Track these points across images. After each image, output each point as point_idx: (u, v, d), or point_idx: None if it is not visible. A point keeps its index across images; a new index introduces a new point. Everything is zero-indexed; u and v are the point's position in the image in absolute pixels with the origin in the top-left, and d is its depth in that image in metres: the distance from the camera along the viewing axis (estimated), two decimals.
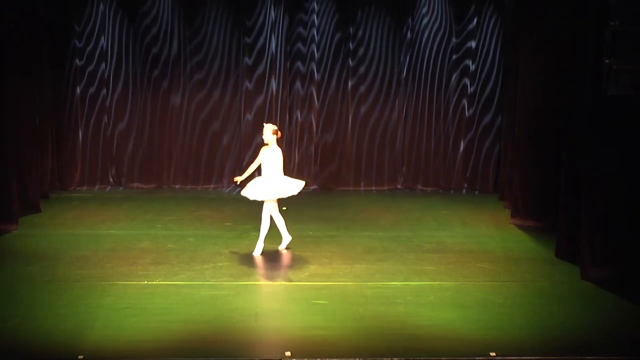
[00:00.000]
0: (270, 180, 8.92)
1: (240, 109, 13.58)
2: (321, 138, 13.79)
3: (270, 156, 8.92)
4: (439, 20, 13.65)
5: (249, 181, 9.18)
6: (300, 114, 13.70)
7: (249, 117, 13.54)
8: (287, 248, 9.41)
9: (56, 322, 6.88)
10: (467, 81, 13.81)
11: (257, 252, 9.13)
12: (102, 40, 13.26)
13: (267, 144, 8.95)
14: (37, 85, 11.64)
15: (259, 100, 13.55)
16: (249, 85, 13.48)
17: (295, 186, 9.11)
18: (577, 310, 7.57)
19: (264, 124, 9.01)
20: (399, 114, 13.83)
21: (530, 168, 10.90)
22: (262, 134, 8.95)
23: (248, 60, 13.42)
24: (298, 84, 13.63)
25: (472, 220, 11.47)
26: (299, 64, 13.58)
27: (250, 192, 8.97)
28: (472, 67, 13.77)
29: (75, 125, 13.29)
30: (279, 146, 9.05)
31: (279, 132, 8.96)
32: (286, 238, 9.43)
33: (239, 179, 9.31)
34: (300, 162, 13.77)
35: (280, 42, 13.42)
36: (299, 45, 13.56)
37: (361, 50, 13.63)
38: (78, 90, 13.21)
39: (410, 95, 13.80)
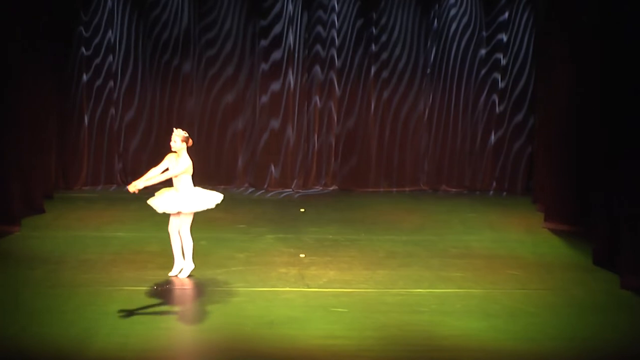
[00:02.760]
0: (185, 192, 8.24)
1: (256, 96, 13.61)
2: (342, 128, 13.83)
3: (179, 166, 8.18)
4: (468, 11, 13.64)
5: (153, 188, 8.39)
6: (320, 100, 13.75)
7: (265, 99, 13.55)
8: (190, 275, 8.43)
9: (60, 329, 6.94)
10: (497, 76, 13.78)
11: (183, 274, 8.39)
12: (110, 33, 13.37)
13: (175, 152, 8.26)
14: (40, 76, 11.68)
15: (275, 85, 13.59)
16: (264, 67, 13.52)
17: (213, 199, 8.39)
18: (616, 322, 7.51)
19: (174, 129, 8.31)
20: (424, 106, 13.83)
21: (565, 169, 10.85)
22: (171, 140, 8.25)
23: (264, 42, 13.48)
24: (317, 68, 13.71)
25: (502, 224, 11.44)
26: (318, 47, 13.63)
27: (160, 203, 8.23)
28: (504, 62, 13.73)
29: (80, 121, 13.41)
30: (189, 155, 8.33)
31: (190, 140, 8.30)
32: (180, 264, 8.42)
33: (137, 186, 8.08)
34: (319, 150, 13.83)
35: (299, 27, 13.46)
36: (319, 28, 13.62)
37: (384, 37, 13.67)
38: (84, 78, 13.28)
39: (436, 88, 13.80)
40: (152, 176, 8.25)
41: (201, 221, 11.14)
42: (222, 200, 8.60)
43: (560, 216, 10.93)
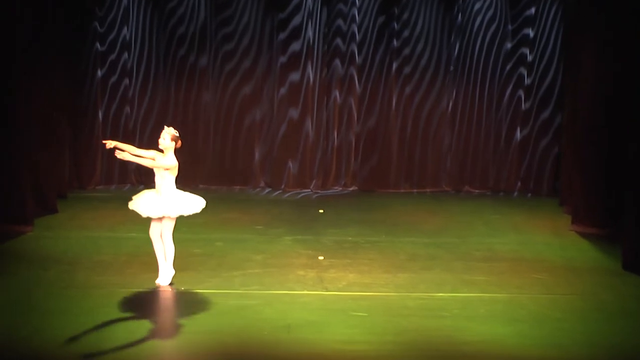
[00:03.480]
0: (168, 195, 8.03)
1: (274, 90, 13.62)
2: (363, 126, 13.81)
3: (166, 160, 8.00)
4: (493, 5, 13.59)
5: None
6: (340, 95, 13.74)
7: (283, 91, 13.56)
8: (171, 284, 8.21)
9: (74, 331, 6.96)
10: (523, 71, 13.70)
11: (165, 281, 8.19)
12: (125, 29, 13.44)
13: (161, 151, 8.07)
14: (53, 72, 11.74)
15: (294, 76, 13.59)
16: (283, 60, 13.53)
17: (197, 204, 8.17)
18: None
19: (165, 127, 8.19)
20: (447, 103, 13.80)
21: (594, 169, 10.77)
22: (160, 137, 8.06)
23: (282, 35, 13.49)
24: (337, 62, 13.70)
25: (527, 226, 11.38)
26: (338, 41, 13.63)
27: (144, 207, 8.01)
28: (530, 57, 13.66)
29: (95, 118, 13.49)
30: (176, 155, 8.15)
31: (180, 141, 8.13)
32: (165, 269, 8.23)
33: (122, 154, 7.88)
34: (338, 149, 13.82)
35: (318, 20, 13.49)
36: (339, 22, 13.62)
37: (406, 32, 13.64)
38: (99, 74, 13.35)
39: (460, 84, 13.77)
40: (138, 154, 8.07)
41: (217, 222, 11.19)
42: (239, 201, 8.59)
43: (588, 218, 10.85)
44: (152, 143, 13.60)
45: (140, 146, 13.44)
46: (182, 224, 10.89)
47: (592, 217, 10.80)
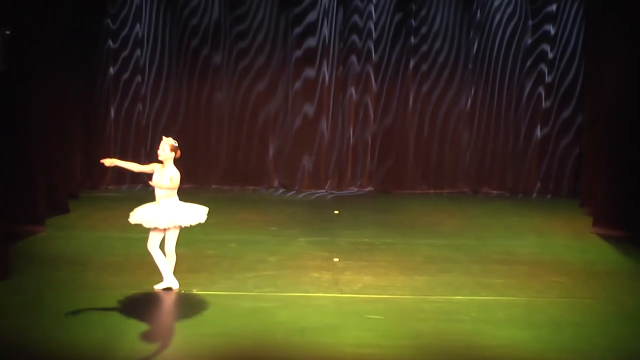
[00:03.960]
0: (171, 205, 8.03)
1: (288, 86, 13.62)
2: (379, 126, 13.78)
3: (165, 177, 8.00)
4: (513, 1, 13.55)
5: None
6: (355, 92, 13.73)
7: (298, 84, 13.57)
8: (165, 289, 8.16)
9: (84, 333, 7.00)
10: (543, 68, 13.64)
11: (175, 285, 8.20)
12: (138, 27, 13.49)
13: (161, 162, 8.07)
14: (66, 70, 11.77)
15: (309, 72, 13.59)
16: (298, 54, 13.55)
17: (200, 213, 8.18)
18: None
19: (163, 137, 8.14)
20: (465, 101, 13.76)
21: (616, 170, 10.71)
22: (159, 149, 8.04)
23: (298, 29, 13.51)
24: (354, 58, 13.68)
25: (547, 228, 11.33)
26: (355, 37, 13.62)
27: (148, 218, 7.99)
28: (551, 55, 13.59)
29: (106, 116, 13.54)
30: (176, 166, 8.11)
31: (179, 151, 8.10)
32: (169, 276, 8.18)
33: (112, 162, 8.11)
34: (354, 149, 13.80)
35: (334, 16, 13.49)
36: (356, 18, 13.62)
37: (424, 29, 13.61)
38: (111, 71, 13.40)
39: (478, 82, 13.75)
40: (140, 170, 8.33)
41: (230, 222, 11.20)
42: (253, 201, 8.62)
43: (609, 220, 10.79)
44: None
45: (152, 146, 13.63)
46: (196, 225, 10.94)
47: (614, 219, 10.74)
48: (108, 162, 8.16)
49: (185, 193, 13.21)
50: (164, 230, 8.04)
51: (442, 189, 13.89)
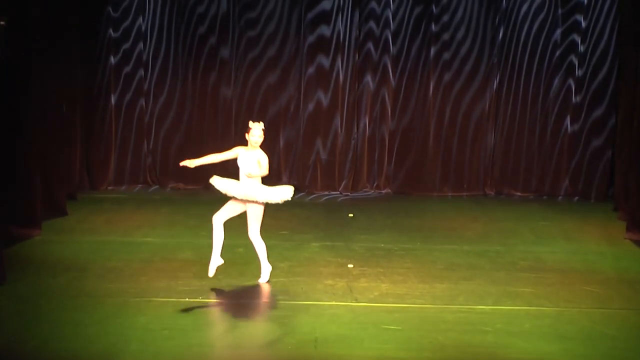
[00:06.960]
0: (255, 183, 8.47)
1: (300, 77, 13.67)
2: (398, 124, 13.79)
3: (253, 160, 8.45)
4: None
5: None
6: (372, 85, 13.75)
7: (311, 75, 13.63)
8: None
9: (84, 343, 7.03)
10: (574, 60, 13.61)
11: (264, 278, 8.73)
12: (141, 18, 13.56)
13: (248, 146, 8.52)
14: (65, 63, 11.83)
15: (324, 61, 13.66)
16: (311, 41, 13.59)
17: (285, 191, 8.60)
18: None
19: (253, 123, 8.52)
20: (489, 96, 13.77)
21: None
22: (249, 134, 8.45)
23: (310, 15, 13.62)
24: (370, 46, 13.71)
25: (578, 234, 11.31)
26: (372, 24, 13.67)
27: (230, 186, 8.43)
28: (582, 48, 13.56)
29: (107, 114, 13.59)
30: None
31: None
32: (217, 260, 8.65)
33: (192, 163, 8.47)
34: (370, 148, 13.80)
35: (349, 9, 13.53)
36: (373, 4, 13.63)
37: (446, 17, 13.63)
38: (112, 61, 13.45)
39: (503, 74, 13.74)
40: (222, 158, 8.61)
41: (238, 226, 11.21)
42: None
43: None
44: (167, 141, 13.76)
45: (155, 144, 13.70)
46: (203, 229, 11.01)
47: None
48: (189, 163, 8.46)
49: (192, 193, 13.43)
50: (241, 205, 8.43)
51: (464, 191, 13.88)
